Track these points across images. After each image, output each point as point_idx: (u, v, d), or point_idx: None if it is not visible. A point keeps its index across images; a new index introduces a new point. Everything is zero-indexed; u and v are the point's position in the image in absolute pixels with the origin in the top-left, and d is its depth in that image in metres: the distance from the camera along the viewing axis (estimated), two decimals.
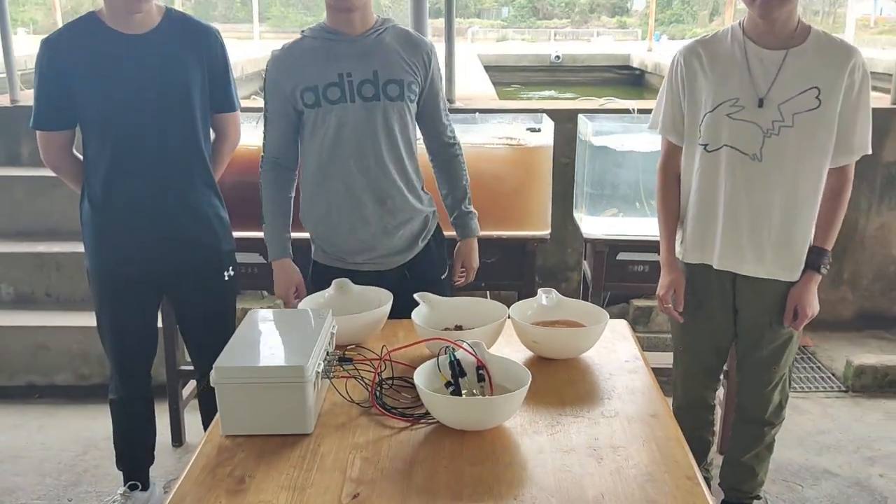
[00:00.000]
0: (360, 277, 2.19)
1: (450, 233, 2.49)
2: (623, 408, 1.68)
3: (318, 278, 2.30)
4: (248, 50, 11.35)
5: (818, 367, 3.75)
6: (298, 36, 2.25)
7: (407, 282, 2.25)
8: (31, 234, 3.89)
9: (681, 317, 2.31)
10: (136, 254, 2.27)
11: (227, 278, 2.42)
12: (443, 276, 2.45)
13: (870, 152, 2.14)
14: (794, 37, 2.06)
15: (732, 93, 2.08)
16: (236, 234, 2.49)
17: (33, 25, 25.97)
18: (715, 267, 2.21)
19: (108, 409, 2.56)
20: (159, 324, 2.79)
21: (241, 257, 2.85)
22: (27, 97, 4.11)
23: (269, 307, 3.35)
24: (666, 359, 2.71)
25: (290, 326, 1.78)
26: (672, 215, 2.29)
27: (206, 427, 1.71)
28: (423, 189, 2.36)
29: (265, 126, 2.28)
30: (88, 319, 3.54)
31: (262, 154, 2.31)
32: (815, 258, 2.15)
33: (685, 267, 2.29)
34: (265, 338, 1.72)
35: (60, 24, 2.61)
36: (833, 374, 3.69)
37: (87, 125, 2.21)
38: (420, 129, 2.35)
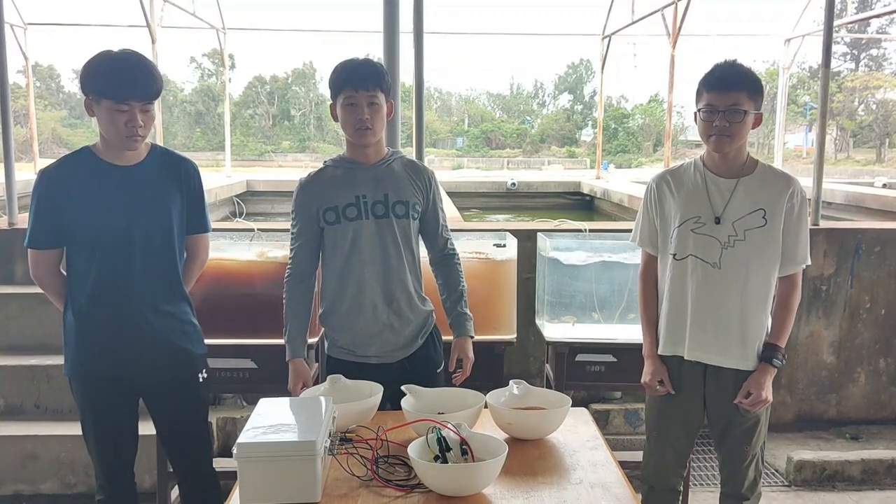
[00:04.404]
0: (368, 369, 2.55)
1: (447, 337, 2.76)
2: (586, 476, 1.98)
3: (332, 370, 2.54)
4: (218, 179, 11.80)
5: (763, 464, 4.04)
6: (321, 165, 2.65)
7: (406, 374, 2.54)
8: (22, 348, 4.08)
9: (669, 392, 2.59)
10: (116, 354, 2.48)
11: (200, 380, 2.64)
12: (437, 371, 2.72)
13: (810, 263, 2.54)
14: (743, 168, 2.50)
15: (695, 212, 2.50)
16: (208, 341, 2.71)
17: None
18: (686, 358, 2.54)
19: None
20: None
21: (223, 363, 3.12)
22: (24, 221, 4.40)
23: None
24: (623, 457, 2.99)
25: (298, 411, 2.05)
26: (652, 314, 2.65)
27: None
28: (422, 294, 2.68)
29: (293, 243, 2.63)
30: (77, 429, 3.69)
31: (289, 267, 2.65)
32: (768, 352, 2.50)
33: (661, 359, 2.62)
34: (277, 420, 1.97)
35: None
36: (777, 471, 3.99)
37: (77, 245, 2.45)
38: (423, 241, 2.72)
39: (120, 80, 2.31)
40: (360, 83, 2.47)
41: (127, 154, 2.44)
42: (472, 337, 2.70)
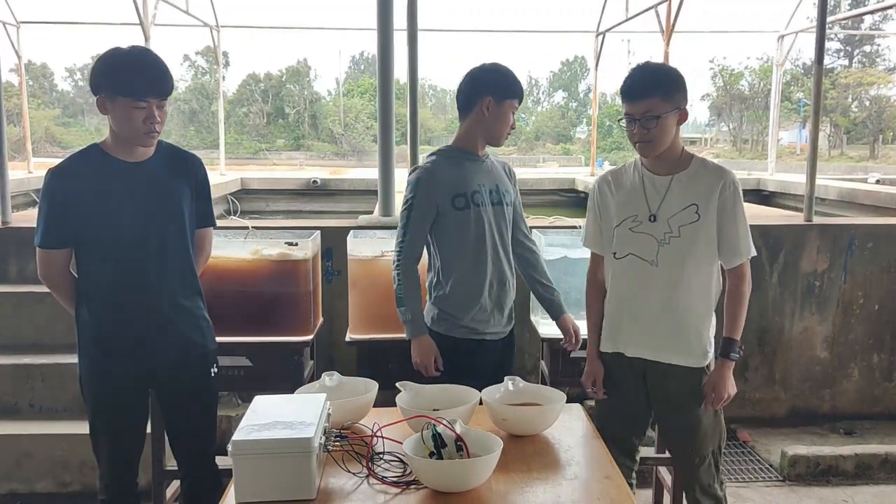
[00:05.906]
0: (486, 346, 2.82)
1: None
2: (581, 472, 1.99)
3: (451, 350, 2.77)
4: (212, 177, 11.74)
5: (757, 460, 4.07)
6: (429, 157, 2.85)
7: (506, 349, 2.93)
8: (16, 346, 4.07)
9: (604, 396, 2.68)
10: (134, 351, 2.48)
11: (212, 374, 2.66)
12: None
13: (755, 254, 2.53)
14: (679, 164, 2.50)
15: (632, 211, 2.52)
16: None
17: None
18: (627, 355, 2.57)
19: None
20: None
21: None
22: (17, 219, 4.40)
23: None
24: None
25: (294, 408, 2.04)
26: (596, 314, 2.69)
27: None
28: None
29: (409, 228, 2.75)
30: (71, 427, 3.74)
31: (402, 251, 2.76)
32: (724, 347, 2.51)
33: (603, 356, 2.65)
34: (273, 417, 1.96)
35: None
36: (771, 466, 4.01)
37: (90, 243, 2.44)
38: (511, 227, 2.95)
39: (136, 78, 2.32)
40: (523, 96, 2.83)
41: (137, 150, 2.44)
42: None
